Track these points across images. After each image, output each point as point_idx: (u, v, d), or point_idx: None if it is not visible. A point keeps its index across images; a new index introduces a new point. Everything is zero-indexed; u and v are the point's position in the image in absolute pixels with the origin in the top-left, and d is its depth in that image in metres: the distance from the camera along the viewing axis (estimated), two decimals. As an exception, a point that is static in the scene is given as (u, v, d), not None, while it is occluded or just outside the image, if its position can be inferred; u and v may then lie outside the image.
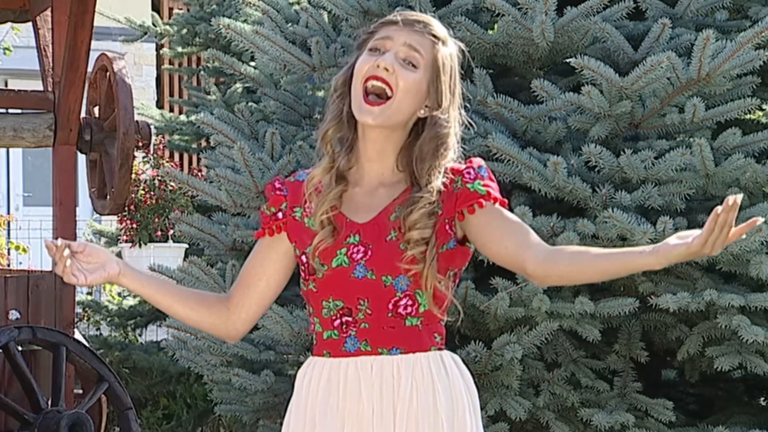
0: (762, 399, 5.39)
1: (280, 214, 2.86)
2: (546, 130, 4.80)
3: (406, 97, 2.76)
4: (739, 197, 2.57)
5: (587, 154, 4.64)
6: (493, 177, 2.86)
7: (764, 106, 5.11)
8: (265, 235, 2.88)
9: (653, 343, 5.02)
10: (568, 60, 4.72)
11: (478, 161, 2.86)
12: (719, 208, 2.53)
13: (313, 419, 2.80)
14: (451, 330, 4.77)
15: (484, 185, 2.82)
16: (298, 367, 2.93)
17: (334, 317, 2.79)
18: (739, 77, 4.79)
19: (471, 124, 2.92)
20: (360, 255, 2.77)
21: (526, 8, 4.89)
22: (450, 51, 2.82)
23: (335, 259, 2.78)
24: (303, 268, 2.83)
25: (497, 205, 2.82)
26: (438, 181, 2.78)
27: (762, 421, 4.97)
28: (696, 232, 2.55)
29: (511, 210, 4.56)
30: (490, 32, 5.07)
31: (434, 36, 2.80)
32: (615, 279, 4.72)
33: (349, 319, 2.78)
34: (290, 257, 2.87)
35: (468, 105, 2.90)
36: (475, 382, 2.89)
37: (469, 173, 2.83)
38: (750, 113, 4.98)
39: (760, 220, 2.62)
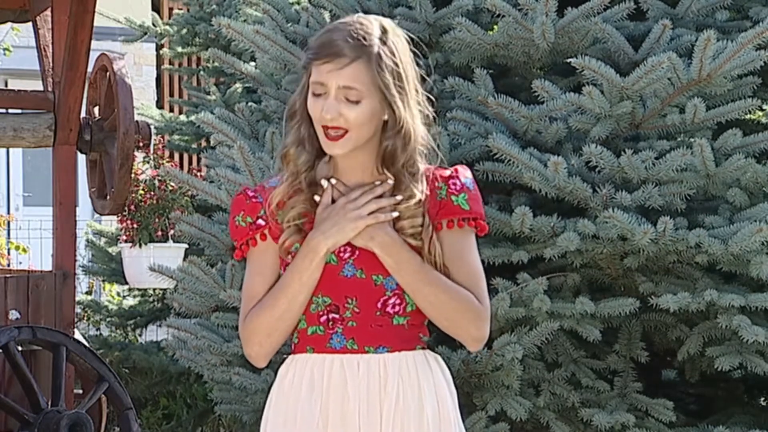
0: (762, 399, 5.39)
1: (260, 221, 2.83)
2: (547, 131, 4.79)
3: (362, 128, 2.74)
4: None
5: (588, 154, 4.64)
6: (478, 192, 2.86)
7: (765, 107, 5.11)
8: (249, 247, 2.83)
9: (653, 343, 5.02)
10: (568, 60, 4.72)
11: (464, 172, 2.85)
12: None
13: (295, 414, 2.79)
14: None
15: (468, 200, 2.82)
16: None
17: (321, 313, 2.80)
18: (740, 78, 4.78)
19: (433, 100, 2.88)
20: (347, 254, 2.79)
21: (527, 9, 4.89)
22: (389, 45, 2.74)
23: None
24: None
25: (472, 230, 2.84)
26: (419, 166, 2.79)
27: (762, 421, 4.97)
28: None
29: (511, 210, 4.62)
30: (491, 33, 5.07)
31: (362, 52, 2.72)
32: (614, 279, 4.76)
33: (336, 316, 2.79)
34: None
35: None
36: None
37: (455, 184, 2.83)
38: (750, 114, 4.98)
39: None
